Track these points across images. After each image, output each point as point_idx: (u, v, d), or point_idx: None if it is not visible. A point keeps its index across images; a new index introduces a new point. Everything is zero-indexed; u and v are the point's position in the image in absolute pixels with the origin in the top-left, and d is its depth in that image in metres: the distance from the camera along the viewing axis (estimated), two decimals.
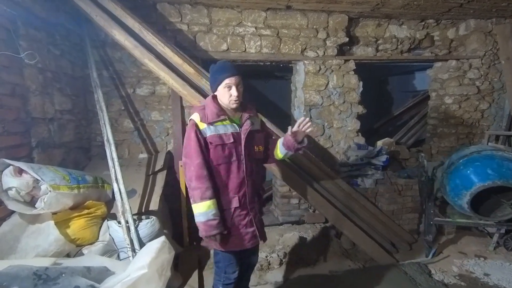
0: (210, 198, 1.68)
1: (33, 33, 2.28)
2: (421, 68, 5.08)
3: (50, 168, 2.03)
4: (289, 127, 1.87)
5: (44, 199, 1.85)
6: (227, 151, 1.74)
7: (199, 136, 1.70)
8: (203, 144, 1.71)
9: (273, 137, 2.11)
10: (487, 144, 3.87)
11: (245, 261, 2.05)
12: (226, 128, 1.75)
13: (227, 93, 1.73)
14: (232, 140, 1.74)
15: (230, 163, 1.76)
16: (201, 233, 1.73)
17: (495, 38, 3.90)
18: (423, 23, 3.91)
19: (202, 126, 1.72)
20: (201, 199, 1.67)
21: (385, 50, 3.92)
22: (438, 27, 4.00)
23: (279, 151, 1.97)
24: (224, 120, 1.75)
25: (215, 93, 1.81)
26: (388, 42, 3.88)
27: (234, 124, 1.78)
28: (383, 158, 3.48)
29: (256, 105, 2.03)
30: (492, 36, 3.90)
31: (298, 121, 1.83)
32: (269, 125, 3.11)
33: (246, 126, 1.79)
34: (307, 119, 1.83)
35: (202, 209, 1.68)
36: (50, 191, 1.86)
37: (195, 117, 1.75)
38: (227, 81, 1.72)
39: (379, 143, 3.91)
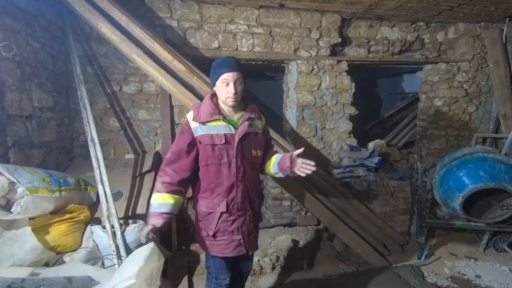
0: (160, 192, 1.64)
1: (10, 22, 2.11)
2: (410, 70, 5.13)
3: (28, 169, 1.87)
4: (294, 152, 1.78)
5: (20, 203, 1.71)
6: (217, 152, 1.66)
7: (185, 134, 1.66)
8: (187, 144, 1.66)
9: (273, 148, 2.00)
10: (475, 146, 3.93)
11: (237, 268, 1.95)
12: (219, 129, 1.66)
13: (224, 89, 1.63)
14: (223, 142, 1.65)
15: (220, 165, 1.67)
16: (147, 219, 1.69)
17: (483, 42, 3.97)
18: (414, 25, 3.93)
19: (194, 124, 1.66)
20: (155, 190, 1.67)
21: (376, 51, 3.92)
22: (428, 30, 4.04)
23: (272, 168, 1.87)
24: (218, 120, 1.66)
25: (214, 89, 1.72)
26: (380, 43, 3.89)
27: (230, 125, 1.68)
28: (376, 159, 3.47)
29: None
30: (481, 40, 3.97)
31: (304, 160, 1.76)
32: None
33: (242, 128, 1.69)
34: (312, 163, 1.75)
35: (153, 200, 1.67)
36: (27, 194, 1.70)
37: (189, 115, 1.70)
38: (225, 76, 1.61)
39: (371, 145, 3.90)
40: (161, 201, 1.63)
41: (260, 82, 5.94)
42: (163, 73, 2.69)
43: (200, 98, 2.79)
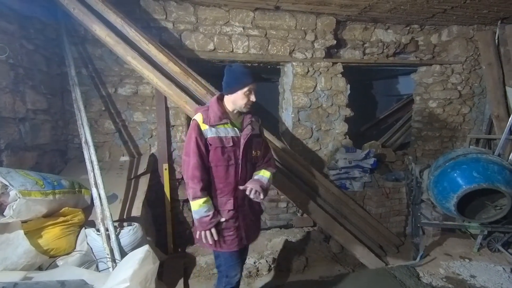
0: (201, 197, 1.73)
1: (3, 25, 2.10)
2: (404, 72, 5.18)
3: (21, 172, 1.86)
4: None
5: (12, 206, 1.69)
6: (226, 154, 1.78)
7: (199, 137, 1.74)
8: (203, 146, 1.75)
9: (270, 150, 2.08)
10: (469, 147, 3.96)
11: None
12: (227, 131, 1.78)
13: (246, 98, 1.76)
14: (231, 144, 1.77)
15: (228, 166, 1.79)
16: (198, 228, 1.79)
17: (476, 44, 4.02)
18: (408, 28, 3.97)
19: (204, 127, 1.75)
20: (193, 198, 1.74)
21: (371, 53, 3.95)
22: (422, 32, 4.08)
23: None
24: (226, 123, 1.79)
25: (227, 95, 1.81)
26: (374, 45, 3.91)
27: (235, 128, 1.81)
28: (371, 161, 3.48)
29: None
30: (474, 42, 4.01)
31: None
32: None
33: (247, 131, 1.82)
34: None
35: (195, 207, 1.74)
36: (19, 197, 1.69)
37: (198, 117, 1.77)
38: (251, 86, 1.76)
39: (366, 146, 3.92)
40: (207, 204, 1.74)
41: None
42: (158, 75, 2.69)
43: (196, 99, 2.79)
